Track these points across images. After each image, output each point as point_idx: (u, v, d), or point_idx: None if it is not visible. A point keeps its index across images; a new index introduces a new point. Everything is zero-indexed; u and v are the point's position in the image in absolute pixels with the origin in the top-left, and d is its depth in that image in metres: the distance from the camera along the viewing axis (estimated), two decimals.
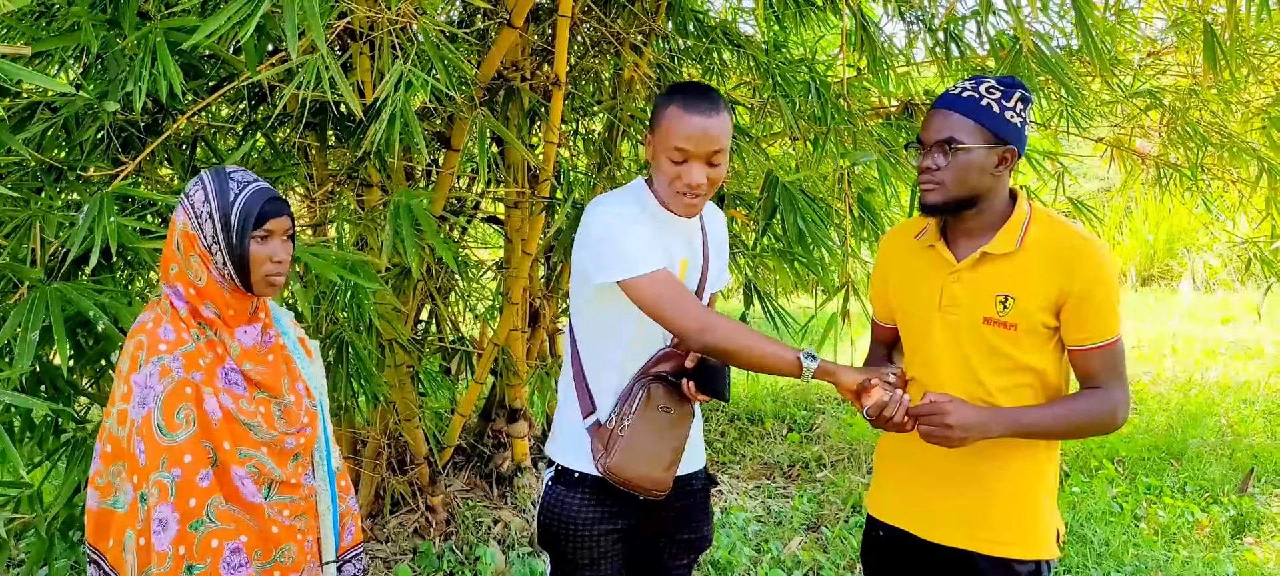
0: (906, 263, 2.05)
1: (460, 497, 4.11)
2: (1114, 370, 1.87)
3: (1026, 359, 1.87)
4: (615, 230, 1.98)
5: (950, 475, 1.93)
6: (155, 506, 1.64)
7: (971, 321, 1.90)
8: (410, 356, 3.58)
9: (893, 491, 2.09)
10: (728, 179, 3.56)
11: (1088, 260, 1.83)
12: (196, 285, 1.74)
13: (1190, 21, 4.06)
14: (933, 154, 1.86)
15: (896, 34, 7.22)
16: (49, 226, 2.18)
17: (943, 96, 1.90)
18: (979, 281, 1.90)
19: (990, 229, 1.90)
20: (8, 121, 2.26)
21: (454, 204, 3.86)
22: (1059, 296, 1.84)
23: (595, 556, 2.15)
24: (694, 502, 2.25)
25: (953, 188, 1.85)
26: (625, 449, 2.03)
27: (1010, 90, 1.85)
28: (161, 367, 1.67)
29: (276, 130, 3.02)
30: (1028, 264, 1.86)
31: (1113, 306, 1.85)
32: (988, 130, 1.82)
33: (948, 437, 1.79)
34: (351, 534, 2.02)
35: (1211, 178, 5.09)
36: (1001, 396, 1.89)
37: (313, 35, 1.93)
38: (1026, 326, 1.86)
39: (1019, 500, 1.93)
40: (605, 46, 3.60)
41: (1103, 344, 1.85)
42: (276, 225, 1.75)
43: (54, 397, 2.27)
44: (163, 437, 1.65)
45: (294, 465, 1.83)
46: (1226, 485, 4.91)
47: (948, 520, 1.96)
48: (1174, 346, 8.22)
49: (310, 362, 1.97)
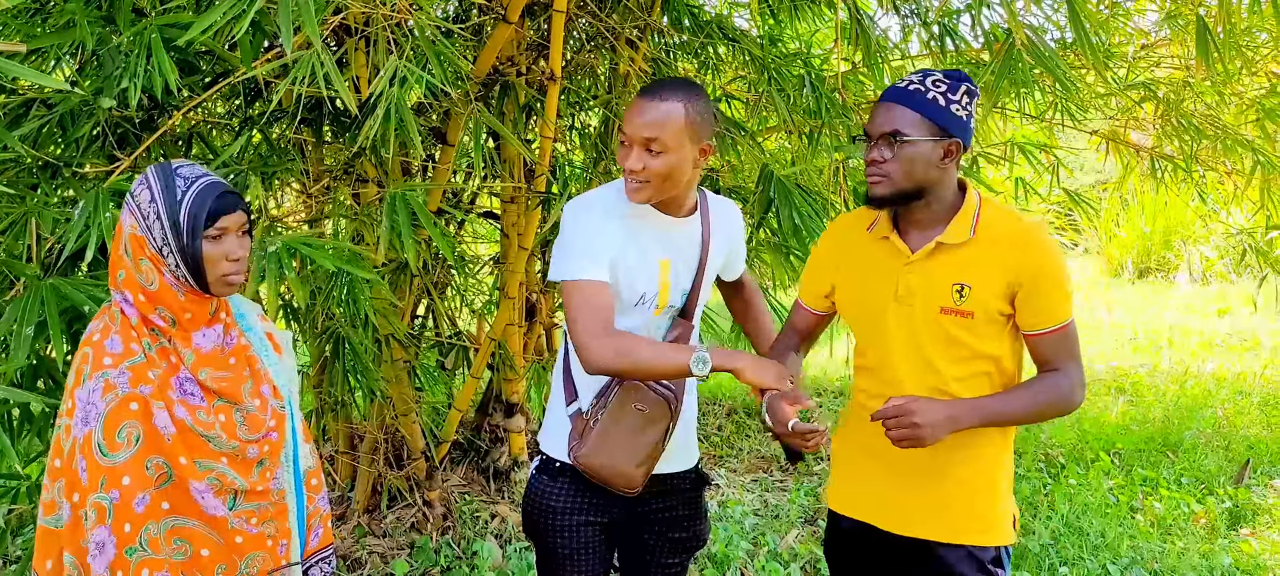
0: (858, 255, 2.06)
1: (457, 492, 4.12)
2: (1068, 352, 1.91)
3: (984, 347, 1.90)
4: (569, 231, 2.06)
5: (909, 466, 1.95)
6: (93, 528, 1.59)
7: (928, 312, 1.92)
8: (407, 351, 3.59)
9: (853, 484, 2.11)
10: (723, 172, 3.58)
11: (1037, 246, 1.87)
12: (148, 290, 1.66)
13: (1183, 14, 4.07)
14: (878, 147, 1.88)
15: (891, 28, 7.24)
16: (45, 222, 2.18)
17: (889, 90, 1.92)
18: (934, 271, 1.92)
19: (941, 220, 1.93)
20: (4, 118, 2.26)
21: (450, 199, 3.86)
22: (1012, 283, 1.87)
23: (574, 547, 2.17)
24: (683, 501, 2.25)
25: (899, 180, 1.87)
26: (596, 441, 2.05)
27: (956, 84, 1.87)
28: (105, 383, 1.61)
29: (272, 126, 3.03)
30: (981, 252, 1.89)
31: (1064, 290, 1.89)
32: (933, 123, 1.85)
33: (918, 438, 1.81)
34: (319, 536, 1.97)
35: (1206, 170, 5.10)
36: (958, 386, 1.91)
37: (308, 31, 1.93)
38: (983, 314, 1.88)
39: (978, 488, 1.96)
40: (601, 41, 3.60)
41: (1056, 327, 1.89)
42: (230, 221, 1.67)
43: (50, 392, 2.28)
44: (102, 457, 1.59)
45: (259, 471, 1.76)
46: (1223, 476, 4.93)
47: (908, 511, 1.99)
48: (1170, 338, 8.24)
49: (279, 359, 1.90)
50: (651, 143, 1.94)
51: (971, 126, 1.92)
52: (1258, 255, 5.57)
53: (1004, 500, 1.99)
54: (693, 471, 2.28)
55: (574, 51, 3.76)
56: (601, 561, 2.22)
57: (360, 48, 2.68)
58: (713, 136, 2.05)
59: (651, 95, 1.96)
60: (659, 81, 2.00)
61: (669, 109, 1.94)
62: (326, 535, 2.00)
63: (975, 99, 1.90)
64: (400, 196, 2.46)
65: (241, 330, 1.84)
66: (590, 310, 1.97)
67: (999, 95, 3.01)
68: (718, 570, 3.69)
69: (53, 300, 2.08)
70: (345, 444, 3.91)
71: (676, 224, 2.09)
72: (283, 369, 1.91)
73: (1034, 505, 4.44)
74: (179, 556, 1.66)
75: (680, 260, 2.11)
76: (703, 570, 3.68)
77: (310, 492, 1.95)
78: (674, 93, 1.96)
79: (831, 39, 4.55)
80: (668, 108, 1.94)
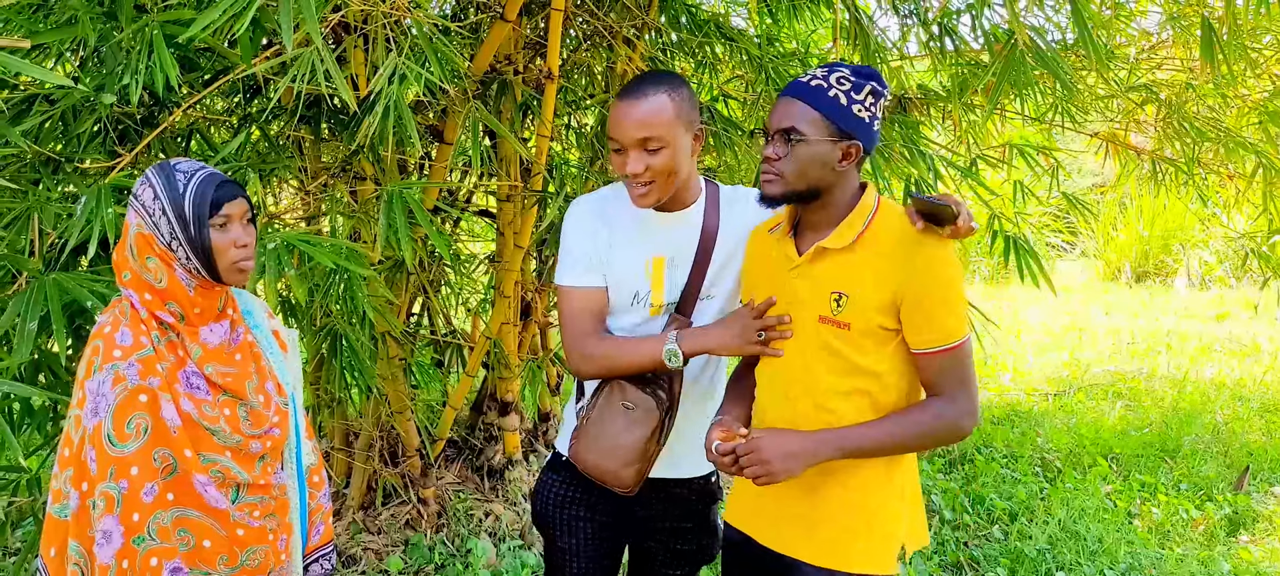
0: (763, 259, 1.98)
1: (452, 490, 4.12)
2: (957, 375, 1.79)
3: (862, 360, 1.80)
4: (566, 235, 2.08)
5: (788, 482, 1.84)
6: (101, 517, 1.61)
7: (809, 320, 1.84)
8: (403, 349, 3.60)
9: (745, 498, 2.04)
10: (720, 172, 3.58)
11: (925, 257, 1.75)
12: (155, 287, 1.68)
13: (1187, 15, 4.07)
14: (775, 142, 1.80)
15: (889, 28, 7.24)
16: (47, 218, 2.19)
17: (790, 84, 1.84)
18: (817, 277, 1.83)
19: (833, 223, 1.84)
20: (6, 113, 2.27)
21: (446, 197, 3.87)
22: (894, 296, 1.76)
23: (572, 542, 2.20)
24: (688, 512, 2.20)
25: (791, 179, 1.79)
26: (587, 437, 2.05)
27: (861, 82, 1.78)
28: (115, 375, 1.63)
29: (270, 123, 3.04)
30: (863, 261, 1.80)
31: (953, 307, 1.76)
32: (831, 123, 1.76)
33: (770, 474, 1.74)
34: (320, 532, 1.99)
35: (1208, 172, 5.09)
36: (838, 400, 1.83)
37: (308, 28, 1.94)
38: (861, 326, 1.79)
39: (852, 510, 1.87)
40: (598, 40, 3.61)
41: (945, 348, 1.77)
42: (233, 209, 1.69)
43: (52, 385, 2.29)
44: (112, 448, 1.61)
45: (262, 466, 1.78)
46: (1221, 483, 4.92)
47: (782, 527, 1.93)
48: (1168, 343, 8.22)
49: (285, 357, 1.92)
50: (647, 141, 1.90)
51: (876, 128, 1.82)
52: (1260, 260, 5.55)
53: (884, 524, 1.88)
54: (702, 481, 2.20)
55: (571, 50, 3.77)
56: (603, 558, 2.21)
57: (359, 45, 2.69)
58: (702, 123, 2.01)
59: (635, 94, 1.92)
60: (637, 79, 1.96)
61: (657, 102, 1.90)
62: (328, 532, 2.02)
63: (881, 99, 1.81)
64: (397, 194, 2.47)
65: (248, 326, 1.85)
66: (577, 316, 2.01)
67: (999, 96, 3.01)
68: (711, 570, 3.69)
69: (55, 295, 2.10)
70: (341, 440, 3.92)
71: (673, 219, 2.06)
72: (288, 366, 1.92)
73: (1030, 509, 4.44)
74: (183, 547, 1.68)
75: (677, 256, 2.06)
76: None
77: (312, 488, 1.97)
78: (656, 85, 1.92)
79: (828, 39, 4.56)
80: (655, 101, 1.90)
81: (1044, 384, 6.90)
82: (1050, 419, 5.96)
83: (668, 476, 2.15)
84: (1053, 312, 9.60)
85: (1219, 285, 11.20)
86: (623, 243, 2.05)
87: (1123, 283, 11.71)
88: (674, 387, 2.03)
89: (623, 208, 2.06)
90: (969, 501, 4.53)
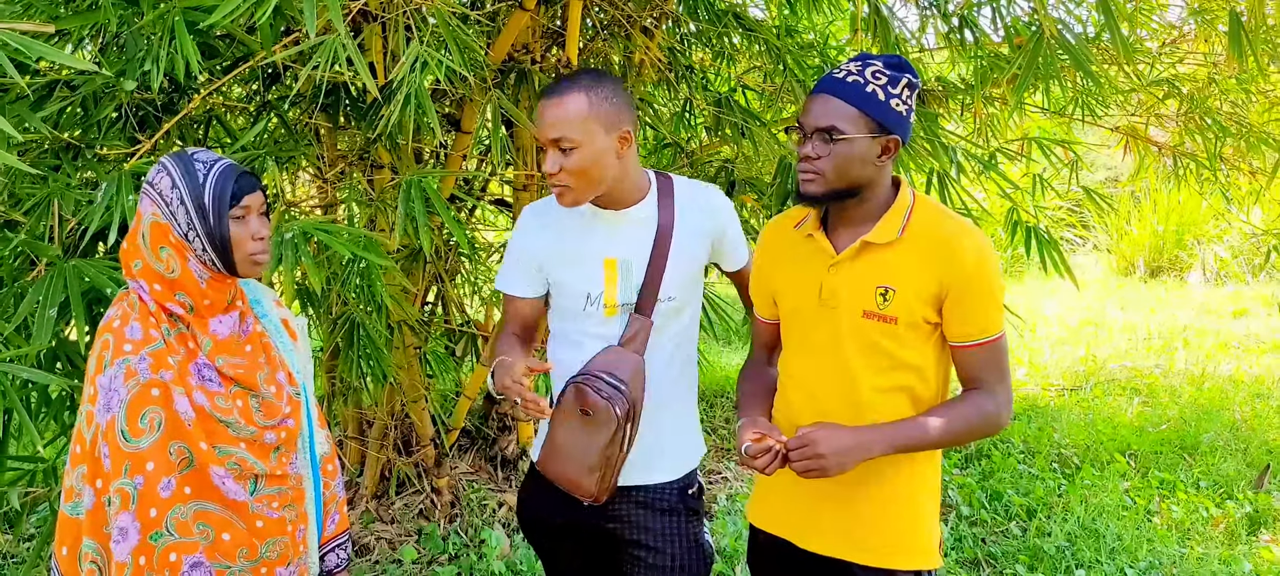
0: (788, 254, 1.94)
1: (465, 480, 4.12)
2: (996, 368, 1.80)
3: (906, 355, 1.79)
4: (511, 241, 2.11)
5: (828, 483, 1.83)
6: (117, 514, 1.59)
7: (851, 315, 1.81)
8: (418, 338, 3.59)
9: (773, 499, 2.01)
10: (738, 163, 3.56)
11: (967, 251, 1.74)
12: (167, 278, 1.66)
13: (1210, 9, 4.02)
14: (813, 141, 1.76)
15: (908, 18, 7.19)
16: (67, 204, 2.19)
17: (825, 80, 1.80)
18: (859, 273, 1.81)
19: (871, 218, 1.82)
20: (28, 99, 2.27)
21: (462, 186, 3.86)
22: (939, 289, 1.76)
23: (548, 547, 2.21)
24: (661, 521, 2.09)
25: (833, 178, 1.76)
26: (550, 445, 2.02)
27: (897, 76, 1.76)
28: (126, 370, 1.61)
29: (288, 110, 3.03)
30: (908, 254, 1.78)
31: (994, 301, 1.77)
32: (871, 119, 1.73)
33: (822, 469, 1.70)
34: (336, 521, 1.98)
35: (1229, 168, 5.04)
36: (876, 397, 1.81)
37: (329, 15, 1.93)
38: (907, 320, 1.77)
39: (899, 508, 1.86)
40: (616, 29, 3.59)
41: (984, 341, 1.77)
42: (252, 201, 1.68)
43: (70, 373, 2.29)
44: (126, 443, 1.60)
45: (277, 457, 1.76)
46: (1241, 481, 4.87)
47: (826, 529, 1.90)
48: (1185, 339, 8.16)
49: (295, 345, 1.90)
50: (560, 141, 1.87)
51: (911, 120, 1.80)
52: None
53: (927, 521, 1.89)
54: (675, 488, 2.11)
55: (588, 40, 3.75)
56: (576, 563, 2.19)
57: (378, 33, 2.67)
58: (632, 122, 1.96)
59: (551, 93, 1.90)
60: (559, 77, 1.93)
61: (571, 102, 1.87)
62: (343, 520, 2.01)
63: (916, 90, 1.79)
64: (415, 183, 2.46)
65: (257, 316, 1.84)
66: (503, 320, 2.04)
67: (1024, 88, 2.97)
68: (727, 564, 3.68)
69: (75, 282, 2.09)
70: (355, 429, 3.92)
71: (623, 217, 2.01)
72: (298, 355, 1.91)
73: (1049, 506, 4.41)
74: (203, 541, 1.66)
75: (629, 255, 2.01)
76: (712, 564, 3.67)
77: (327, 478, 1.96)
78: (574, 85, 1.89)
79: (845, 32, 4.53)
80: (568, 100, 1.87)
81: (1060, 379, 6.85)
82: (1067, 414, 5.92)
83: (640, 483, 2.08)
84: (1068, 307, 9.53)
85: (1235, 281, 11.11)
86: (571, 245, 2.03)
87: (1137, 277, 11.63)
88: (634, 389, 1.96)
89: (568, 211, 2.02)
90: (986, 497, 4.50)
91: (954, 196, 3.36)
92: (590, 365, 1.98)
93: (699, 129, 3.97)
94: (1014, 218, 3.38)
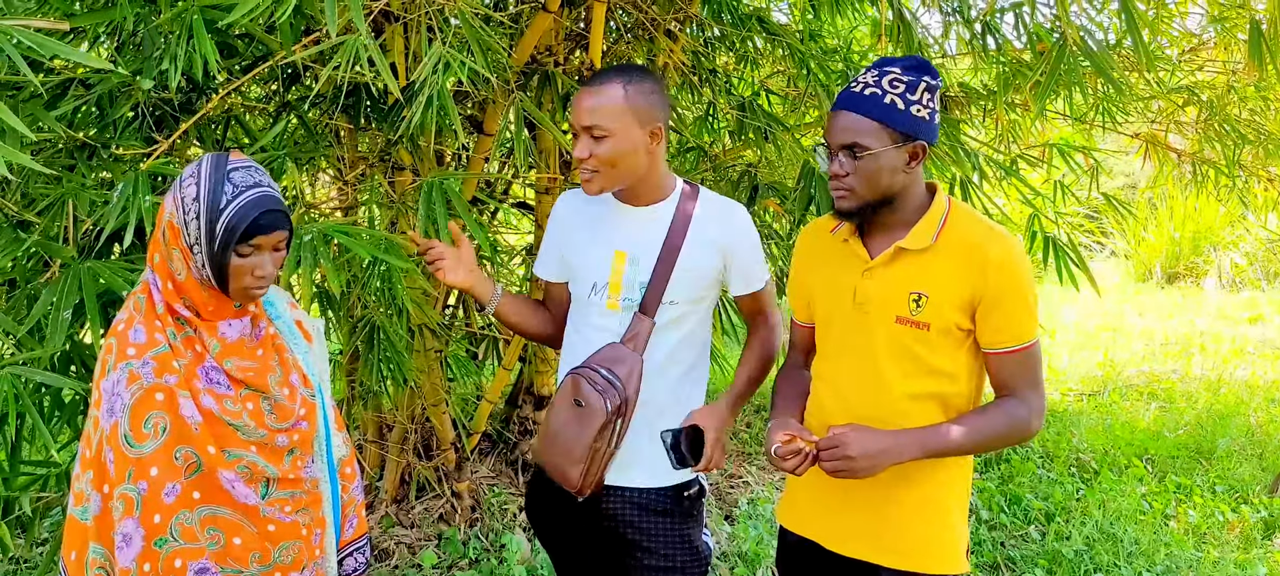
0: (823, 259, 1.96)
1: (486, 484, 4.09)
2: (1029, 376, 1.79)
3: (938, 362, 1.79)
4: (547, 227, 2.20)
5: (856, 486, 1.83)
6: (121, 520, 1.57)
7: (885, 321, 1.81)
8: (439, 341, 3.56)
9: (802, 500, 2.01)
10: (761, 167, 3.52)
11: (1002, 258, 1.74)
12: (175, 278, 1.65)
13: (1231, 16, 3.98)
14: (839, 159, 1.77)
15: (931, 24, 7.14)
16: (82, 204, 2.15)
17: (843, 94, 1.79)
18: (893, 278, 1.81)
19: (906, 224, 1.82)
20: (43, 98, 2.24)
21: (484, 188, 3.83)
22: (973, 296, 1.75)
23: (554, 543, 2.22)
24: (653, 522, 2.06)
25: (864, 192, 1.77)
26: (543, 434, 2.04)
27: (916, 80, 1.74)
28: (129, 374, 1.59)
29: (308, 111, 3.00)
30: (942, 260, 1.78)
31: (1028, 308, 1.76)
32: (893, 130, 1.73)
33: (852, 471, 1.70)
34: (354, 525, 1.95)
35: (1248, 175, 5.01)
36: (908, 404, 1.80)
37: (350, 14, 1.90)
38: (939, 326, 1.77)
39: (926, 513, 1.86)
40: (640, 32, 3.55)
41: (1018, 348, 1.77)
42: (266, 240, 1.64)
43: (84, 377, 2.25)
44: (129, 449, 1.57)
45: (290, 460, 1.74)
46: (1256, 485, 4.85)
47: (853, 532, 1.89)
48: (1202, 344, 8.12)
49: (310, 347, 1.88)
50: (593, 129, 1.90)
51: (936, 121, 1.79)
52: None
53: (955, 526, 1.88)
54: (669, 494, 2.07)
55: (612, 43, 3.71)
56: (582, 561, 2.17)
57: (399, 34, 2.64)
58: (665, 120, 1.98)
59: (591, 81, 1.94)
60: (603, 68, 1.97)
61: (607, 91, 1.91)
62: (361, 524, 1.99)
63: (936, 92, 1.77)
64: (437, 185, 2.43)
65: (270, 319, 1.81)
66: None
67: (1047, 95, 2.93)
68: (748, 569, 3.65)
69: (89, 283, 2.06)
70: (374, 433, 3.89)
71: (637, 213, 2.02)
72: (313, 357, 1.88)
73: (1067, 510, 4.38)
74: (212, 546, 1.64)
75: (639, 252, 2.01)
76: (733, 569, 3.63)
77: (345, 481, 1.93)
78: (613, 76, 1.92)
79: (869, 37, 4.49)
80: (606, 90, 1.91)
81: (1078, 384, 6.82)
82: (1085, 419, 5.89)
83: (636, 485, 2.05)
84: (1086, 313, 9.50)
85: (1250, 287, 11.05)
86: (587, 232, 2.06)
87: (1154, 283, 11.57)
88: (629, 387, 1.95)
89: (597, 199, 2.05)
90: (1005, 501, 4.48)
91: (976, 202, 3.33)
92: (591, 358, 2.00)
93: (722, 133, 3.93)
94: (1034, 227, 3.34)
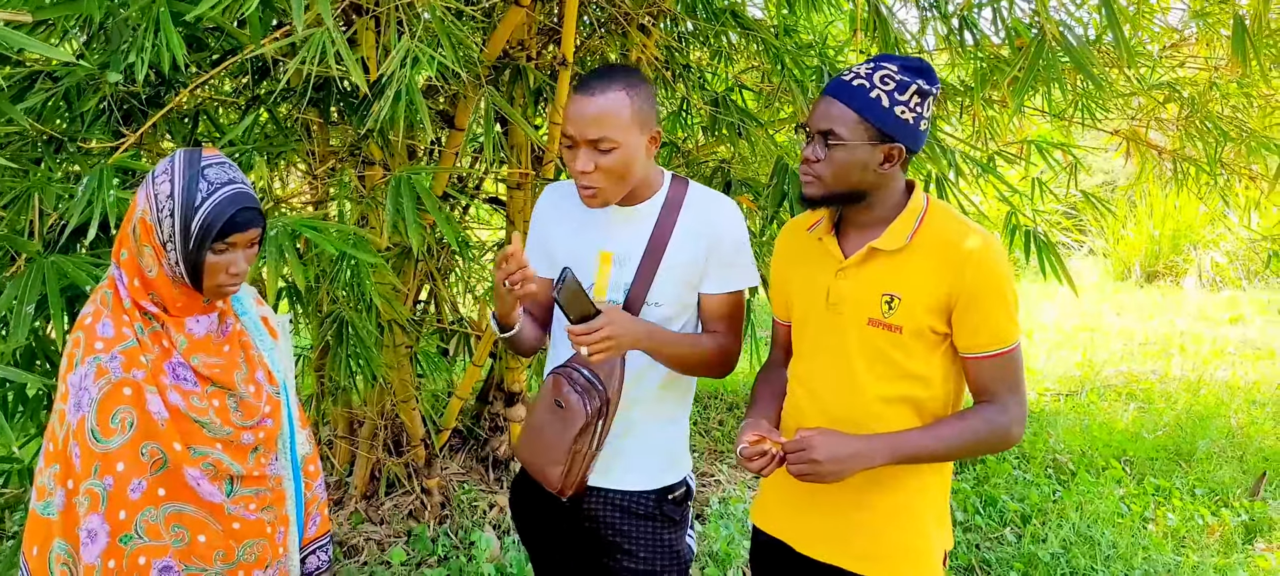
0: (801, 257, 1.91)
1: (456, 481, 4.08)
2: (1009, 381, 1.73)
3: (912, 365, 1.75)
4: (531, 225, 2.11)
5: (828, 489, 1.78)
6: (86, 516, 1.56)
7: (857, 322, 1.77)
8: (409, 337, 3.54)
9: (772, 500, 1.98)
10: (734, 164, 3.52)
11: (978, 259, 1.68)
12: (145, 275, 1.64)
13: (1212, 12, 3.99)
14: (814, 143, 1.73)
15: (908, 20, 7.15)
16: (48, 198, 2.14)
17: (833, 81, 1.75)
18: (866, 279, 1.77)
19: (882, 222, 1.77)
20: (7, 91, 2.22)
21: (455, 184, 3.81)
22: (948, 295, 1.70)
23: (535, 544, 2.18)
24: (633, 526, 2.03)
25: (830, 182, 1.72)
26: (527, 432, 1.99)
27: (908, 81, 1.69)
28: (97, 369, 1.58)
29: (278, 105, 2.98)
30: (917, 261, 1.73)
31: (1007, 309, 1.71)
32: (872, 126, 1.68)
33: (818, 474, 1.66)
34: (317, 523, 1.95)
35: (1229, 173, 5.01)
36: (882, 406, 1.76)
37: (319, 8, 1.88)
38: (912, 329, 1.73)
39: (899, 520, 1.81)
40: (613, 27, 3.54)
41: (996, 352, 1.72)
42: (241, 238, 1.64)
43: (48, 373, 2.24)
44: (96, 443, 1.57)
45: (255, 458, 1.73)
46: (1237, 488, 4.84)
47: (822, 535, 1.86)
48: (1181, 345, 8.15)
49: (275, 344, 1.87)
50: (600, 141, 1.79)
51: (923, 128, 1.73)
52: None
53: (929, 533, 1.83)
54: (652, 498, 2.03)
55: (585, 37, 3.70)
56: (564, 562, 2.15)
57: (370, 27, 2.63)
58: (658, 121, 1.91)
59: (591, 89, 1.80)
60: (596, 72, 1.84)
61: (613, 100, 1.79)
62: (324, 522, 1.99)
63: (930, 97, 1.72)
64: (405, 180, 2.42)
65: (236, 315, 1.81)
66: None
67: (1025, 90, 2.93)
68: (719, 569, 3.64)
69: (54, 278, 2.05)
70: (344, 429, 3.88)
71: (624, 213, 1.95)
72: (279, 354, 1.88)
73: (1044, 512, 4.38)
74: (177, 543, 1.63)
75: (625, 252, 1.95)
76: (704, 569, 3.63)
77: (308, 479, 1.93)
78: (615, 82, 1.80)
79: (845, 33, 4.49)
80: (612, 99, 1.79)
81: (1056, 384, 6.83)
82: (1063, 419, 5.89)
83: (618, 487, 2.02)
84: (1065, 312, 9.52)
85: (1231, 286, 11.11)
86: (574, 232, 2.00)
87: (1133, 282, 11.62)
88: (609, 388, 1.90)
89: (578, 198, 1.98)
90: (981, 503, 4.47)
91: (951, 200, 3.33)
92: (573, 358, 1.94)
93: (696, 129, 3.92)
94: (1012, 222, 3.34)
